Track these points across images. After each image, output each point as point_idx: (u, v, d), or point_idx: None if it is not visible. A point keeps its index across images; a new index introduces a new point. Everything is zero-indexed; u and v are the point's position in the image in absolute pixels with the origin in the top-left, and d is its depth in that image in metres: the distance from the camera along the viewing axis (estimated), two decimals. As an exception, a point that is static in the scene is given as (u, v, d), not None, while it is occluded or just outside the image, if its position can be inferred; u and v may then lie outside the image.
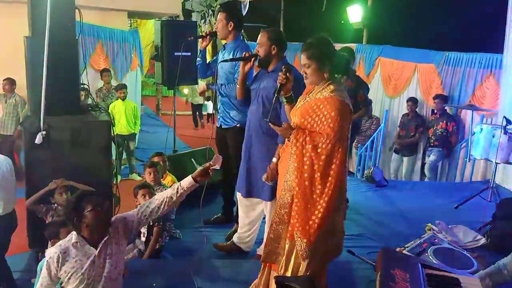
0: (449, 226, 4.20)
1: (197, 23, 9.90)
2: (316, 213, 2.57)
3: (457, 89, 6.93)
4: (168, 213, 4.13)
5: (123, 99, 7.10)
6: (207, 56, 4.60)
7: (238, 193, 3.75)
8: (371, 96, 7.80)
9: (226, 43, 4.05)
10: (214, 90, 4.18)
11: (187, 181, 2.63)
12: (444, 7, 9.46)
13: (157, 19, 9.10)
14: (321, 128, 2.58)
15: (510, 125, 4.70)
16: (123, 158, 7.55)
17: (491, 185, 5.02)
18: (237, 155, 3.91)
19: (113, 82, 7.80)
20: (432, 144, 6.88)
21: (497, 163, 4.84)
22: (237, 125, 4.00)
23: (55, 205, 3.58)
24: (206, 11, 12.32)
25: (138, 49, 9.04)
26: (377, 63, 8.64)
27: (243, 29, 4.17)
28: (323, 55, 2.65)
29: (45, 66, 3.47)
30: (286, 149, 2.80)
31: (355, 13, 9.92)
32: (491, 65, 6.41)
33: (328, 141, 2.53)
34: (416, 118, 7.30)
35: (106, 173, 3.82)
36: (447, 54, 7.12)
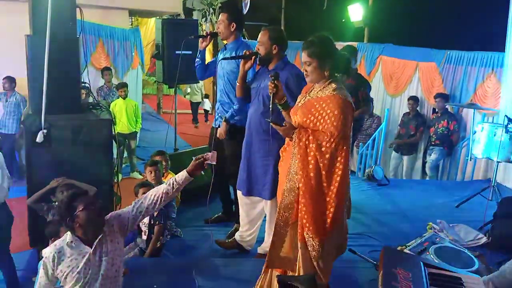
0: (450, 225, 4.20)
1: (198, 22, 9.90)
2: (327, 213, 2.57)
3: (458, 87, 6.92)
4: (169, 211, 4.14)
5: (124, 97, 7.10)
6: (208, 56, 4.59)
7: (239, 191, 3.74)
8: (372, 94, 7.79)
9: (227, 43, 4.05)
10: (215, 90, 4.16)
11: (182, 176, 2.62)
12: (445, 6, 9.44)
13: (158, 17, 9.09)
14: (324, 127, 2.57)
15: (511, 123, 4.69)
16: (124, 156, 7.55)
17: (492, 184, 5.01)
18: (233, 153, 3.89)
19: (114, 81, 7.79)
20: (433, 143, 6.88)
21: (498, 162, 4.83)
22: (237, 123, 3.97)
23: (56, 204, 3.57)
24: (207, 10, 12.31)
25: (139, 47, 9.02)
26: (378, 62, 8.63)
27: (244, 28, 4.16)
28: (324, 53, 2.64)
29: (46, 65, 3.46)
30: (288, 149, 2.78)
31: (356, 12, 9.92)
32: (492, 64, 6.40)
33: (332, 140, 2.53)
34: (417, 117, 7.29)
35: (107, 171, 3.82)
36: (448, 52, 7.10)
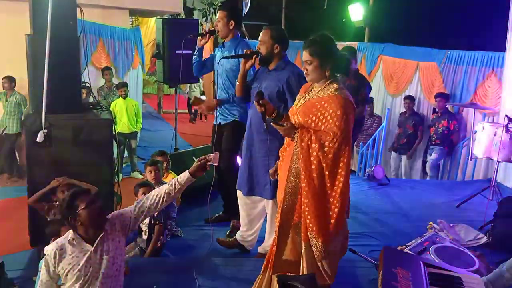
0: (450, 225, 4.20)
1: (199, 21, 9.89)
2: (331, 213, 2.57)
3: (458, 87, 6.92)
4: (169, 211, 4.14)
5: (124, 97, 7.10)
6: (208, 54, 4.59)
7: (239, 191, 3.74)
8: (373, 94, 7.79)
9: (225, 41, 4.05)
10: (215, 89, 4.16)
11: (184, 176, 2.62)
12: (445, 5, 9.43)
13: (158, 17, 9.08)
14: (327, 127, 2.57)
15: (511, 123, 4.69)
16: (124, 156, 7.55)
17: (493, 184, 5.02)
18: (231, 148, 3.89)
19: (115, 80, 7.79)
20: (434, 143, 6.88)
21: (498, 161, 4.83)
22: (236, 119, 3.99)
23: (56, 203, 3.57)
24: (207, 9, 12.32)
25: (140, 47, 9.01)
26: (378, 62, 8.63)
27: (244, 27, 4.16)
28: (325, 52, 2.64)
29: (46, 64, 3.46)
30: (289, 149, 2.77)
31: (356, 12, 9.91)
32: (493, 64, 6.40)
33: (335, 140, 2.53)
34: (414, 116, 7.31)
35: (107, 171, 3.82)
36: (449, 52, 7.10)
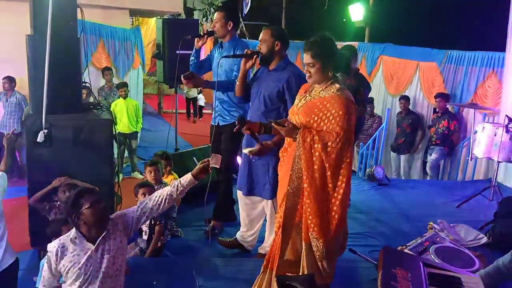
0: (450, 225, 4.20)
1: (199, 21, 9.90)
2: (333, 214, 2.58)
3: (459, 87, 6.91)
4: (170, 211, 4.14)
5: (124, 97, 7.10)
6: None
7: (239, 191, 3.75)
8: (373, 94, 7.80)
9: (223, 42, 4.04)
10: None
11: (187, 179, 2.63)
12: (446, 5, 9.43)
13: (158, 17, 9.09)
14: (329, 127, 2.57)
15: (512, 123, 4.70)
16: (125, 156, 7.55)
17: (493, 184, 5.02)
18: (230, 150, 3.89)
19: (115, 81, 7.79)
20: (434, 143, 6.87)
21: (499, 161, 4.84)
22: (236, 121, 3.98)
23: (58, 203, 3.58)
24: (208, 9, 12.32)
25: (140, 47, 9.02)
26: (379, 62, 8.62)
27: (244, 27, 4.16)
28: (327, 54, 2.63)
29: (47, 65, 3.46)
30: (290, 149, 2.76)
31: (356, 12, 9.91)
32: (493, 64, 6.39)
33: (338, 140, 2.53)
34: (410, 115, 7.32)
35: (107, 171, 3.81)
36: (449, 52, 7.09)
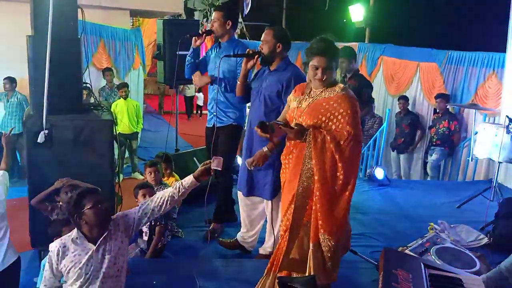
0: (451, 226, 4.19)
1: (200, 22, 9.90)
2: (343, 213, 2.58)
3: (459, 88, 6.92)
4: (170, 212, 4.14)
5: (124, 97, 7.10)
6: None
7: (239, 192, 3.74)
8: (374, 95, 7.76)
9: (221, 42, 4.03)
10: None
11: (189, 180, 2.62)
12: (446, 6, 9.44)
13: (159, 18, 9.09)
14: (339, 126, 2.57)
15: (512, 124, 4.69)
16: (125, 157, 7.55)
17: (494, 185, 5.01)
18: (228, 152, 3.88)
19: (116, 81, 7.80)
20: (435, 143, 6.88)
21: (499, 162, 4.83)
22: (233, 123, 3.96)
23: (59, 204, 3.58)
24: (208, 10, 12.32)
25: (140, 48, 9.03)
26: (379, 62, 8.63)
27: (245, 28, 4.15)
28: (337, 54, 2.70)
29: (47, 65, 3.46)
30: (296, 151, 2.74)
31: (357, 12, 9.93)
32: (493, 64, 6.40)
33: (350, 138, 2.54)
34: (409, 115, 7.33)
35: (108, 172, 3.81)
36: (449, 53, 7.10)
